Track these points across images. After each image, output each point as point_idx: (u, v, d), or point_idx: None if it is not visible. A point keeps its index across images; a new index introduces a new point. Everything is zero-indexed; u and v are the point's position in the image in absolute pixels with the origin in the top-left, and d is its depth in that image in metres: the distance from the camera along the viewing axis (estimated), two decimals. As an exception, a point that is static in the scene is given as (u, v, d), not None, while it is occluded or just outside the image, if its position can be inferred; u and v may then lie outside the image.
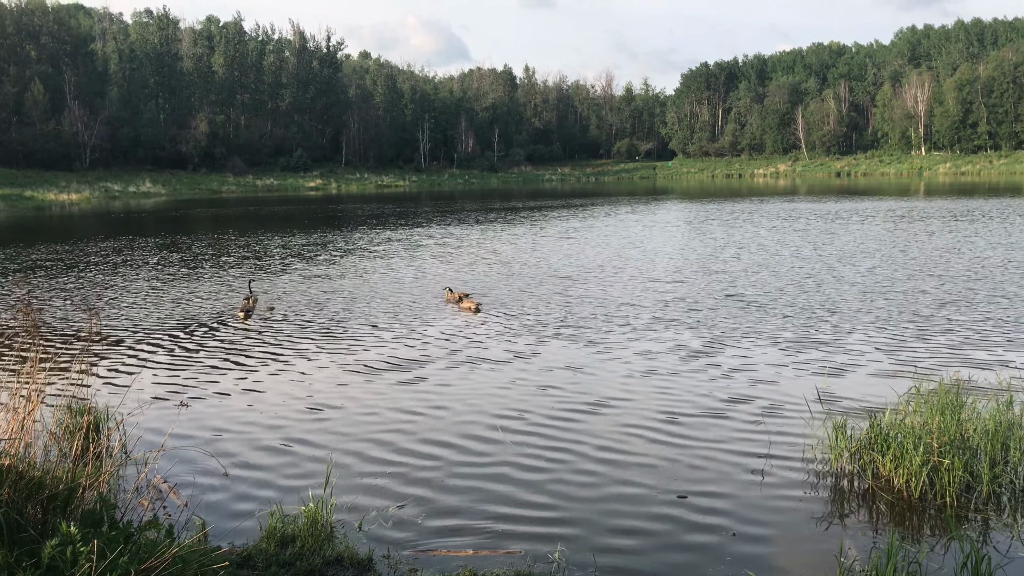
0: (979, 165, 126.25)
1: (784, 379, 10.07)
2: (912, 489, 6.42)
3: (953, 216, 36.78)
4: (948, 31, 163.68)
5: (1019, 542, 5.68)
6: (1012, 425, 6.97)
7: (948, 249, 23.69)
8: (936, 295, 15.90)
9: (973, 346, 11.57)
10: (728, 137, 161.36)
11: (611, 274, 20.00)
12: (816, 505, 6.42)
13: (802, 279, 18.55)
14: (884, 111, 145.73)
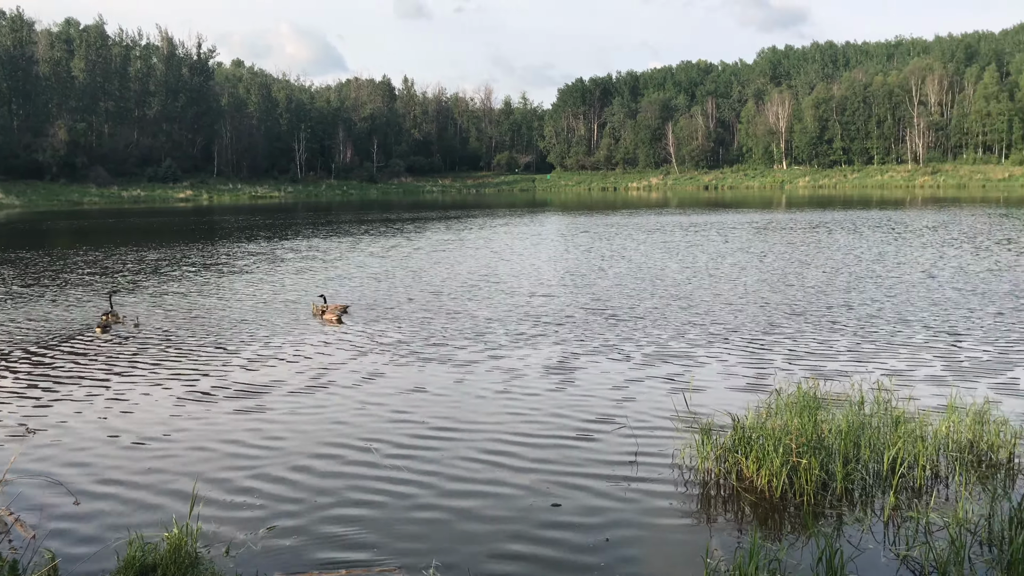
0: (835, 179, 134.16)
1: (651, 388, 10.32)
2: (773, 489, 6.69)
3: (811, 227, 38.91)
4: (806, 52, 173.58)
5: (870, 535, 5.99)
6: (863, 425, 7.37)
7: (802, 260, 25.02)
8: (794, 303, 16.73)
9: (828, 351, 12.21)
10: (603, 151, 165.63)
11: (483, 288, 19.98)
12: (685, 508, 6.59)
13: (669, 291, 19.14)
14: (748, 127, 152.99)
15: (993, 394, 9.53)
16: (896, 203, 66.21)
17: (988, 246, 27.81)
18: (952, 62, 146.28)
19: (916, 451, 7.05)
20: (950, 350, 12.03)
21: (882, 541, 5.89)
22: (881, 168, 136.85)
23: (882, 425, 7.54)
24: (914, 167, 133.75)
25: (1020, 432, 7.78)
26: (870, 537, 5.96)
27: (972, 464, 7.26)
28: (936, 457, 7.31)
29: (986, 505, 6.04)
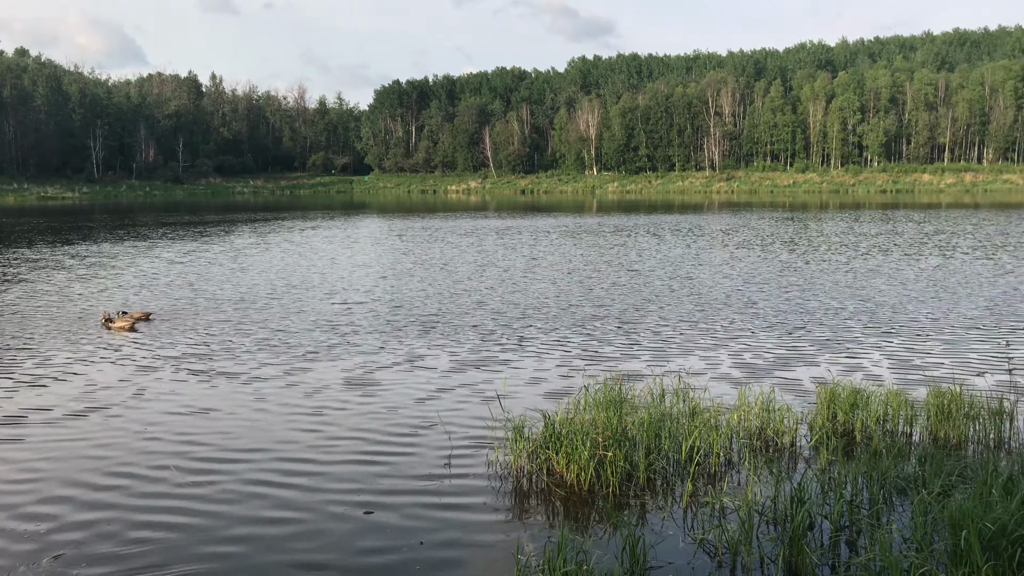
0: (641, 184, 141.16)
1: (464, 392, 10.39)
2: (582, 482, 6.91)
3: (619, 231, 40.74)
4: (613, 62, 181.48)
5: (671, 521, 6.31)
6: (663, 417, 7.76)
7: (610, 263, 26.14)
8: (602, 304, 17.43)
9: (633, 348, 12.80)
10: (422, 154, 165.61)
11: (289, 296, 19.36)
12: (499, 506, 6.67)
13: (481, 295, 19.40)
14: (561, 134, 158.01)
15: (778, 384, 10.33)
16: (695, 207, 70.64)
17: (775, 247, 30.21)
18: (743, 76, 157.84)
19: (711, 440, 7.50)
20: (743, 344, 12.93)
21: (681, 526, 6.22)
22: (682, 174, 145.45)
23: (681, 417, 7.97)
24: (711, 174, 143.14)
25: (802, 418, 8.48)
26: (671, 523, 6.28)
27: (761, 449, 7.83)
28: (729, 445, 7.82)
29: (772, 487, 6.52)
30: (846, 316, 15.34)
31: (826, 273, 22.11)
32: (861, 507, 6.23)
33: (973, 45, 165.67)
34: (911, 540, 5.53)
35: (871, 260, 25.37)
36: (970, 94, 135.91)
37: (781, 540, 5.64)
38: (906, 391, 9.05)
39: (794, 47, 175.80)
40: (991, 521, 5.04)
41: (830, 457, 7.43)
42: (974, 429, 8.05)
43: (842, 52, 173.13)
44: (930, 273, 21.88)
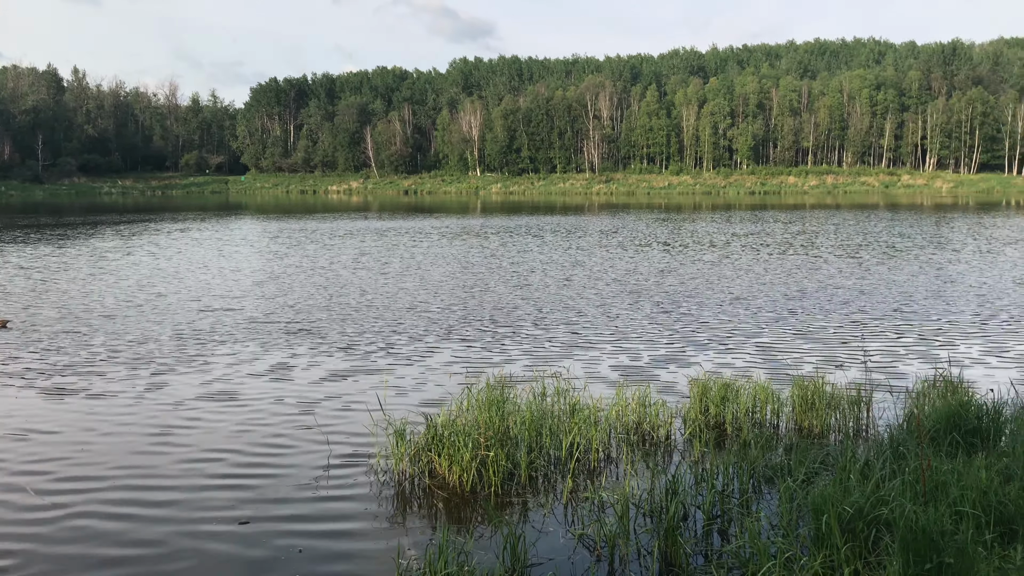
0: (524, 185, 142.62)
1: (344, 397, 10.22)
2: (464, 484, 6.90)
3: (507, 231, 41.02)
4: (494, 64, 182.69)
5: (552, 517, 6.38)
6: (545, 415, 7.85)
7: (497, 262, 26.29)
8: (485, 303, 17.50)
9: (516, 346, 12.91)
10: (301, 153, 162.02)
11: (152, 303, 18.62)
12: (380, 511, 6.58)
13: (358, 298, 19.15)
14: (444, 134, 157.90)
15: (655, 379, 10.64)
16: (577, 208, 71.95)
17: (652, 247, 31.12)
18: (620, 81, 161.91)
19: (591, 436, 7.64)
20: (622, 341, 13.25)
21: (562, 522, 6.30)
22: (563, 176, 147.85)
23: (562, 414, 8.09)
24: (591, 175, 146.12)
25: (676, 412, 8.75)
26: (552, 520, 6.36)
27: (638, 444, 8.03)
28: (608, 440, 7.98)
29: (648, 480, 6.70)
30: (719, 313, 15.94)
31: (700, 272, 22.92)
32: (732, 496, 6.48)
33: (832, 55, 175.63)
34: (778, 526, 5.79)
35: (741, 259, 26.48)
36: (830, 101, 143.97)
37: (657, 532, 5.79)
38: (773, 384, 9.48)
39: (668, 53, 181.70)
40: (849, 505, 5.32)
41: (703, 449, 7.70)
42: (835, 418, 8.50)
43: (713, 59, 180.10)
44: (794, 271, 23.02)
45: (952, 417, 7.29)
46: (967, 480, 5.55)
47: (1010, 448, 6.69)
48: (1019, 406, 7.75)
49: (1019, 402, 7.97)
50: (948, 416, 7.31)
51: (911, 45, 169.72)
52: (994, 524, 5.25)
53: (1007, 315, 15.57)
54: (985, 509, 5.32)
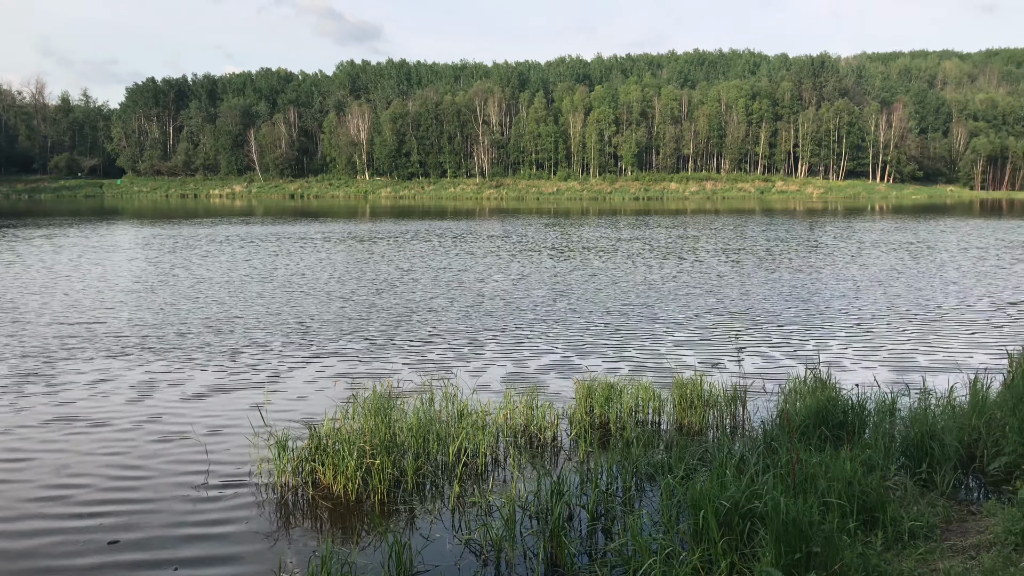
0: (414, 190, 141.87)
1: (225, 408, 9.91)
2: (349, 493, 6.79)
3: (397, 236, 40.65)
4: (382, 68, 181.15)
5: (439, 523, 6.35)
6: (432, 420, 7.81)
7: (386, 268, 26.04)
8: (372, 310, 17.29)
9: (405, 352, 12.80)
10: (181, 156, 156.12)
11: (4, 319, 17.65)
12: (262, 525, 6.39)
13: (239, 305, 18.63)
14: (331, 138, 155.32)
15: (543, 381, 10.75)
16: (468, 213, 72.06)
17: (539, 252, 31.48)
18: (509, 87, 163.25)
19: (478, 440, 7.65)
20: (512, 344, 13.33)
21: (449, 528, 6.28)
22: (454, 181, 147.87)
23: (450, 420, 8.07)
24: (481, 180, 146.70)
25: (563, 413, 8.87)
26: (439, 526, 6.32)
27: (525, 446, 8.08)
28: (496, 444, 8.01)
29: (535, 482, 6.75)
30: (606, 315, 16.26)
31: (587, 276, 23.33)
32: (616, 495, 6.61)
33: (711, 65, 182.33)
34: (660, 523, 5.93)
35: (627, 263, 27.11)
36: (709, 110, 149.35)
37: (542, 533, 5.85)
38: (655, 383, 9.73)
39: (555, 61, 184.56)
40: (726, 499, 5.51)
41: (588, 449, 7.83)
42: (713, 416, 8.80)
43: (598, 67, 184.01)
44: (677, 275, 23.73)
45: (821, 412, 7.66)
46: (834, 472, 5.83)
47: (872, 440, 7.09)
48: (881, 400, 8.21)
49: (881, 396, 8.44)
50: (817, 412, 7.67)
51: (783, 57, 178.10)
52: (857, 512, 5.54)
53: (872, 314, 16.50)
54: (850, 498, 5.60)
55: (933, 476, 6.57)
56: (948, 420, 7.36)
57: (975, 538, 5.38)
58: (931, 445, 6.85)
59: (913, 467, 6.75)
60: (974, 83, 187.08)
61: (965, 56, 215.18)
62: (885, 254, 30.33)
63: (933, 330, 14.69)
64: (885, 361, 12.12)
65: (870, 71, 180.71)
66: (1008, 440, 6.95)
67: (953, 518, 5.90)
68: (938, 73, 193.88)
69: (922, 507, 5.92)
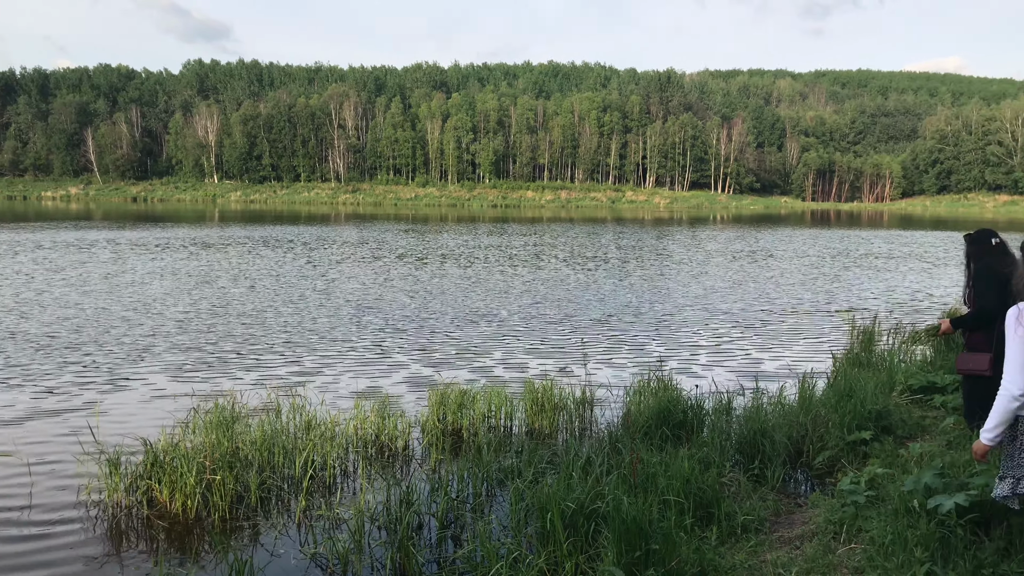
0: (266, 194, 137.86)
1: (52, 426, 9.27)
2: (188, 511, 6.47)
3: (245, 242, 39.26)
4: (232, 68, 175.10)
5: (285, 539, 6.15)
6: (278, 433, 7.57)
7: (232, 274, 25.13)
8: (215, 319, 16.64)
9: (250, 362, 12.38)
10: (8, 155, 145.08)
11: None
12: (91, 549, 5.99)
13: (63, 314, 17.54)
14: (178, 139, 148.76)
15: (396, 389, 10.65)
16: (323, 219, 70.60)
17: (400, 258, 31.25)
18: (365, 91, 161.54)
19: (327, 452, 7.48)
20: (364, 352, 13.14)
21: (295, 543, 6.10)
22: (308, 185, 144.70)
23: (297, 431, 7.85)
24: (337, 185, 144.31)
25: (415, 421, 8.81)
26: (285, 541, 6.13)
27: (376, 456, 7.97)
28: (345, 455, 7.86)
29: (384, 492, 6.66)
30: (463, 323, 16.31)
31: (446, 284, 23.35)
32: (466, 502, 6.62)
33: (564, 77, 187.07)
34: (508, 527, 5.98)
35: (486, 270, 27.33)
36: (563, 120, 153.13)
37: (391, 544, 5.77)
38: (508, 389, 9.83)
39: (412, 67, 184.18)
40: (572, 501, 5.62)
41: (439, 457, 7.81)
42: (563, 419, 8.98)
43: (455, 75, 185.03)
44: (534, 282, 24.13)
45: (662, 413, 7.96)
46: (673, 470, 6.07)
47: (710, 439, 7.43)
48: (719, 400, 8.62)
49: (719, 397, 8.86)
50: (659, 412, 7.97)
51: (632, 72, 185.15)
52: (694, 508, 5.79)
53: (714, 319, 17.33)
54: (687, 495, 5.84)
55: (765, 471, 6.94)
56: (778, 418, 7.80)
57: (800, 529, 5.73)
58: (763, 442, 7.24)
59: (746, 463, 7.12)
60: (805, 101, 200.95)
61: (797, 76, 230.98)
62: (728, 262, 31.99)
63: (770, 333, 15.60)
64: (725, 363, 12.76)
65: (712, 87, 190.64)
66: (831, 435, 7.45)
67: (782, 511, 6.26)
68: (773, 91, 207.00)
69: (754, 501, 6.24)
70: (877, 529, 4.99)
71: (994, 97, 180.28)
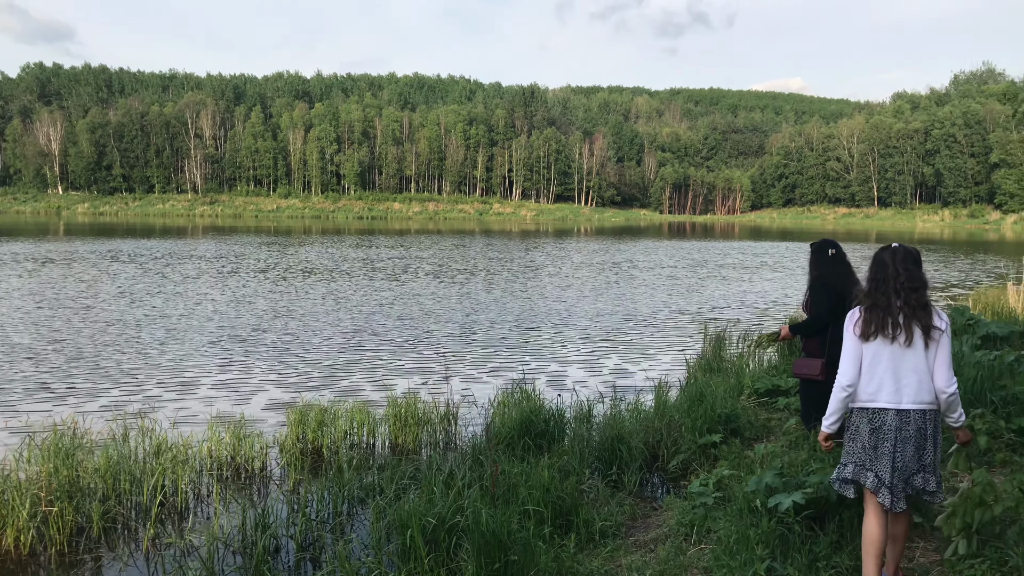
0: (117, 206, 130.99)
1: None
2: (22, 546, 6.03)
3: (89, 257, 37.08)
4: (78, 72, 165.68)
5: (132, 569, 5.85)
6: (123, 458, 7.17)
7: (78, 294, 23.73)
8: (56, 343, 15.66)
9: (94, 385, 11.70)
10: None
11: None
12: (-93, 595, 5.49)
13: (-90, 330, 16.10)
14: (16, 147, 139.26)
15: (253, 409, 10.31)
16: (179, 232, 67.62)
17: (245, 274, 30.31)
18: (223, 100, 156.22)
19: (178, 476, 7.14)
20: (217, 371, 12.65)
21: (144, 573, 5.80)
22: (163, 197, 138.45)
23: (146, 456, 7.46)
24: (194, 197, 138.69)
25: (273, 442, 8.55)
26: (131, 572, 5.83)
27: (231, 479, 7.68)
28: (199, 479, 7.53)
29: (239, 516, 6.42)
30: (324, 336, 15.98)
31: (309, 299, 22.83)
32: (326, 522, 6.47)
33: (430, 89, 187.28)
34: (369, 546, 5.89)
35: (347, 284, 26.91)
36: (429, 132, 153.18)
37: (245, 569, 5.57)
38: (370, 405, 9.70)
39: (272, 75, 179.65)
40: (433, 516, 5.59)
41: (298, 477, 7.61)
42: (427, 434, 8.94)
43: (318, 84, 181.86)
44: (399, 295, 23.95)
45: (524, 423, 8.06)
46: (533, 480, 6.14)
47: (570, 447, 7.58)
48: (579, 408, 8.80)
49: (580, 405, 9.05)
50: (521, 423, 8.07)
51: (497, 86, 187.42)
52: (554, 517, 5.88)
53: (579, 329, 17.71)
54: (547, 504, 5.93)
55: (622, 477, 7.14)
56: (636, 424, 8.05)
57: (655, 532, 5.92)
58: (620, 448, 7.45)
59: (605, 470, 7.30)
60: (661, 118, 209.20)
61: (654, 93, 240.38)
62: (595, 274, 32.80)
63: (632, 342, 16.08)
64: (589, 372, 13.05)
65: (574, 103, 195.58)
66: (684, 439, 7.76)
67: (638, 515, 6.45)
68: (632, 107, 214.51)
69: (612, 507, 6.40)
70: (724, 529, 5.22)
71: (832, 116, 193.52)
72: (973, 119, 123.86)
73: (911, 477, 4.36)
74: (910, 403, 4.31)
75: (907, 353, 4.31)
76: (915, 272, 4.38)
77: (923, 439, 4.34)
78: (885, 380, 4.34)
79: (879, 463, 4.38)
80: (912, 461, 4.34)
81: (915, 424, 4.32)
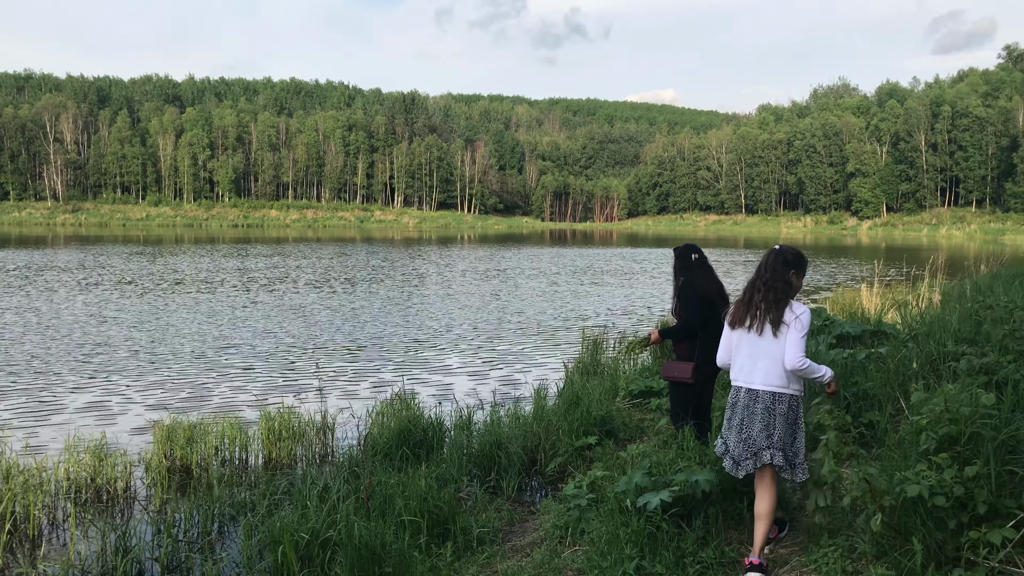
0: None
1: None
2: None
3: (-67, 268, 34.41)
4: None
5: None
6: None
7: (-77, 304, 21.98)
8: (-96, 355, 14.47)
9: (-58, 406, 10.87)
10: None
11: None
12: None
13: None
14: None
15: (115, 427, 9.80)
16: (38, 241, 63.69)
17: (108, 286, 28.90)
18: (86, 103, 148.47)
19: (30, 501, 6.70)
20: (78, 389, 11.98)
21: (-11, 609, 5.40)
22: (19, 204, 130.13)
23: (-6, 482, 6.97)
24: (54, 204, 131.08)
25: (138, 460, 8.14)
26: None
27: (92, 502, 7.27)
28: (55, 503, 7.09)
29: (99, 541, 6.08)
30: (195, 350, 15.37)
31: (176, 311, 21.95)
32: (194, 542, 6.21)
33: (307, 95, 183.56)
34: (241, 565, 5.68)
35: (220, 296, 26.01)
36: (307, 138, 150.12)
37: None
38: (242, 419, 9.39)
39: (140, 79, 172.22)
40: (306, 531, 5.45)
41: (165, 497, 7.27)
42: (302, 447, 8.71)
43: (189, 89, 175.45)
44: (277, 306, 23.33)
45: (403, 433, 7.98)
46: (409, 490, 6.08)
47: (449, 455, 7.55)
48: (459, 416, 8.78)
49: (460, 412, 9.02)
50: (400, 432, 7.98)
51: (377, 92, 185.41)
52: (431, 526, 5.84)
53: (460, 336, 17.70)
54: (424, 514, 5.88)
55: (501, 482, 7.17)
56: (514, 429, 8.10)
57: (531, 536, 5.97)
58: (499, 454, 7.48)
59: (484, 476, 7.31)
60: (541, 127, 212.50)
61: (534, 102, 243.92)
62: (480, 281, 32.87)
63: (514, 348, 16.20)
64: (471, 379, 13.06)
65: (456, 111, 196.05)
66: (561, 442, 7.85)
67: (516, 519, 6.48)
68: (512, 116, 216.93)
69: (490, 513, 6.41)
70: (596, 530, 5.32)
71: (703, 127, 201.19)
72: (831, 131, 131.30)
73: (760, 452, 4.78)
74: (760, 384, 4.81)
75: (761, 341, 4.82)
76: (780, 272, 4.89)
77: (771, 417, 4.78)
78: (743, 363, 4.91)
79: (729, 433, 4.96)
80: (760, 437, 4.78)
81: (763, 403, 4.79)
